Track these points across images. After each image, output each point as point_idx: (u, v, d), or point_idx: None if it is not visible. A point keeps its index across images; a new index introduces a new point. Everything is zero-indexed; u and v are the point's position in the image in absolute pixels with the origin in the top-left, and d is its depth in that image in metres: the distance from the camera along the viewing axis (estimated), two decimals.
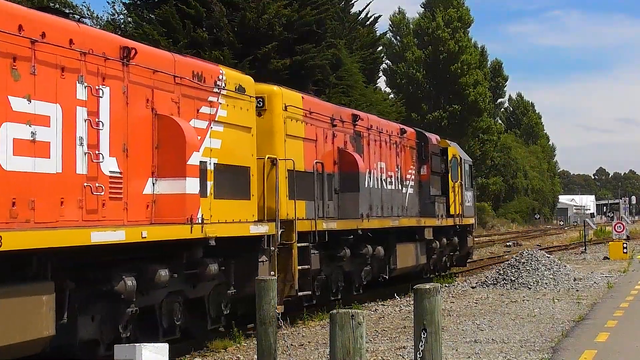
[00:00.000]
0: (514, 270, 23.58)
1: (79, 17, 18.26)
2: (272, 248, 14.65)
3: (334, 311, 6.58)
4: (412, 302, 10.37)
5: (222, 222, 13.04)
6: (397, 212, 21.99)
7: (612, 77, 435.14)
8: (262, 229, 14.25)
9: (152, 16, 40.16)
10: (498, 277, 23.52)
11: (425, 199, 24.23)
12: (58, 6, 34.16)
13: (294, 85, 25.43)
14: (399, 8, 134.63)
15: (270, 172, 15.40)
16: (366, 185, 19.35)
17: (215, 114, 13.35)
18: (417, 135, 24.48)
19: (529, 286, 22.30)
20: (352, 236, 18.28)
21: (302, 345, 14.06)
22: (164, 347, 8.61)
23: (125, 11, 42.44)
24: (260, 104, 15.47)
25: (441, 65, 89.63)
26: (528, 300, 19.56)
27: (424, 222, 23.48)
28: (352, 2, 56.79)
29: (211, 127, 13.18)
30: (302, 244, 16.00)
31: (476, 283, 24.04)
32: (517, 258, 24.59)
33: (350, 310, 6.52)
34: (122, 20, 42.09)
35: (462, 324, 15.82)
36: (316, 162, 17.28)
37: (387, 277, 21.16)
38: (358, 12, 59.77)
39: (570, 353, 12.36)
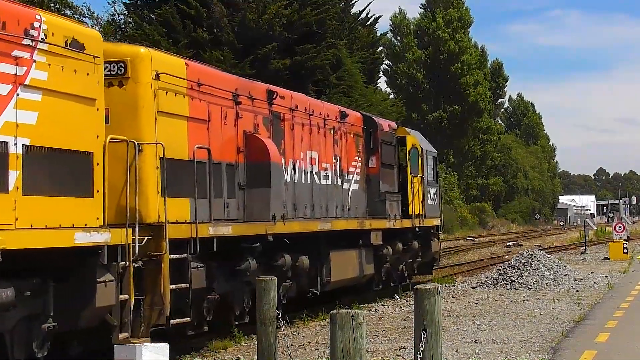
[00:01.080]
0: (514, 271, 23.57)
1: None
2: (123, 263, 10.84)
3: (334, 311, 6.58)
4: (412, 303, 10.37)
5: (35, 229, 9.37)
6: (334, 212, 18.31)
7: (612, 77, 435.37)
8: (97, 238, 10.18)
9: (153, 16, 40.18)
10: (498, 278, 23.52)
11: (374, 196, 20.35)
12: (58, 6, 34.16)
13: (294, 86, 25.28)
14: (399, 8, 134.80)
15: (137, 161, 11.75)
16: (287, 179, 15.98)
17: (24, 76, 9.52)
18: (364, 120, 20.55)
19: (529, 286, 22.30)
20: (258, 243, 14.35)
21: (302, 345, 14.06)
22: (164, 347, 8.61)
23: (126, 11, 42.46)
24: (121, 70, 12.08)
25: (441, 65, 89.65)
26: (528, 301, 19.56)
27: (370, 225, 19.56)
28: (353, 2, 56.78)
29: (18, 94, 9.40)
30: (178, 256, 12.28)
31: (476, 283, 24.04)
32: (518, 258, 24.59)
33: (350, 311, 6.53)
34: (122, 21, 42.10)
35: (462, 324, 15.83)
36: (198, 148, 13.20)
37: (318, 293, 17.35)
38: (358, 12, 59.77)
39: (570, 353, 12.36)
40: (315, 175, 17.49)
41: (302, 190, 16.85)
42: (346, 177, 19.13)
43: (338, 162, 18.73)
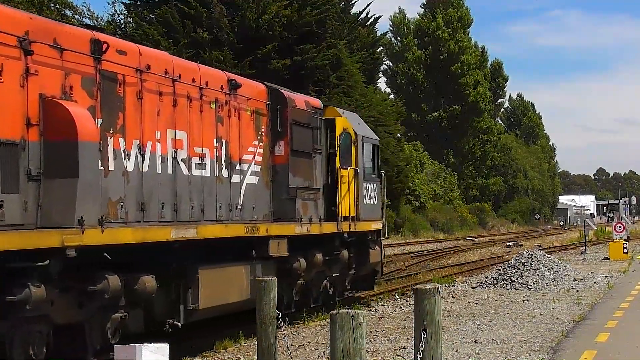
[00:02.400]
0: (514, 271, 23.58)
1: None
2: None
3: (334, 311, 6.58)
4: (412, 303, 10.38)
5: None
6: (217, 214, 13.65)
7: (612, 77, 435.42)
8: None
9: (152, 16, 40.22)
10: (498, 278, 23.52)
11: (282, 193, 15.76)
12: (58, 7, 34.19)
13: (294, 86, 25.22)
14: (399, 8, 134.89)
15: None
16: (128, 167, 11.62)
17: None
18: (270, 94, 15.83)
19: (529, 286, 22.31)
20: (48, 261, 9.76)
21: (302, 345, 14.07)
22: (164, 347, 8.62)
23: (126, 11, 42.49)
24: None
25: (441, 65, 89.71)
26: (528, 301, 19.57)
27: (268, 231, 14.77)
28: (353, 2, 56.89)
29: None
30: None
31: (476, 283, 24.04)
32: (517, 258, 24.59)
33: (350, 311, 6.53)
34: (122, 21, 42.13)
35: (462, 324, 15.83)
36: None
37: (180, 324, 12.75)
38: (358, 12, 59.86)
39: (570, 353, 12.37)
40: (182, 164, 12.89)
41: (157, 184, 12.24)
42: (237, 168, 14.40)
43: (224, 147, 13.96)
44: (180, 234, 12.26)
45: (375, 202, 19.95)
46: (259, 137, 15.41)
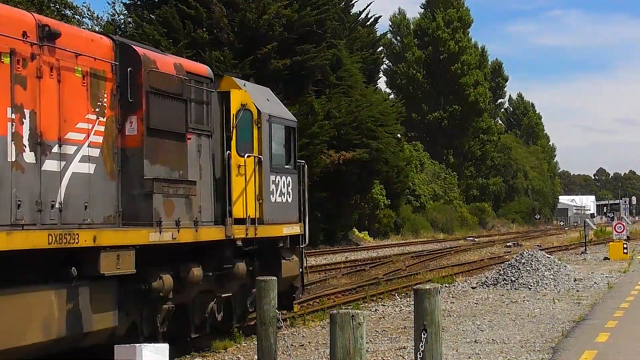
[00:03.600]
0: (514, 271, 23.58)
1: None
2: None
3: (335, 311, 6.59)
4: (412, 303, 10.38)
5: None
6: (7, 215, 9.65)
7: (612, 77, 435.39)
8: None
9: (153, 16, 40.24)
10: (498, 278, 23.51)
11: (134, 186, 11.81)
12: (58, 7, 34.21)
13: (294, 86, 25.48)
14: (399, 8, 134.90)
15: None
16: None
17: None
18: (117, 51, 11.79)
19: (529, 286, 22.30)
20: None
21: (302, 345, 14.08)
22: (164, 347, 8.63)
23: (126, 11, 42.51)
24: None
25: (441, 65, 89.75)
26: (528, 301, 19.57)
27: (96, 239, 10.54)
28: (353, 2, 56.93)
29: None
30: None
31: (476, 283, 24.04)
32: (518, 258, 24.58)
33: (350, 311, 6.53)
34: (122, 21, 42.16)
35: (462, 325, 15.83)
36: None
37: None
38: (358, 12, 59.96)
39: (571, 353, 12.36)
40: None
41: None
42: (55, 150, 10.53)
43: (28, 121, 10.07)
44: None
45: (290, 200, 15.78)
46: (97, 110, 11.31)
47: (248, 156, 14.37)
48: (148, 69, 11.92)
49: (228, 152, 13.93)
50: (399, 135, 59.59)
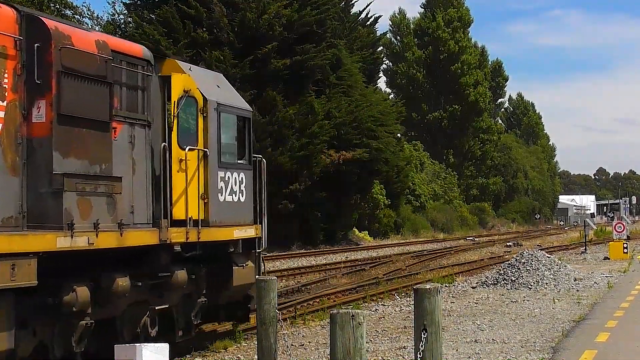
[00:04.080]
0: (514, 270, 23.58)
1: None
2: None
3: (334, 311, 6.59)
4: (412, 302, 10.38)
5: None
6: None
7: (612, 77, 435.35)
8: None
9: (153, 16, 40.25)
10: (498, 277, 23.51)
11: (40, 183, 10.03)
12: (58, 7, 34.22)
13: (294, 85, 25.43)
14: (399, 8, 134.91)
15: None
16: None
17: None
18: (23, 24, 10.06)
19: (530, 286, 22.30)
20: None
21: (302, 345, 14.07)
22: (164, 347, 8.62)
23: (126, 11, 42.52)
24: None
25: (441, 65, 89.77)
26: (528, 301, 19.57)
27: None
28: (353, 2, 56.94)
29: None
30: None
31: (476, 283, 24.04)
32: (518, 258, 24.59)
33: (350, 311, 6.53)
34: (122, 20, 42.17)
35: (462, 324, 15.83)
36: None
37: None
38: (358, 12, 59.97)
39: (571, 353, 12.36)
40: None
41: None
42: None
43: None
44: None
45: (243, 200, 14.07)
46: None
47: (191, 149, 12.67)
48: (60, 46, 10.10)
49: (164, 144, 12.22)
50: (399, 135, 59.62)
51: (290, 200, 42.55)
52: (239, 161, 14.13)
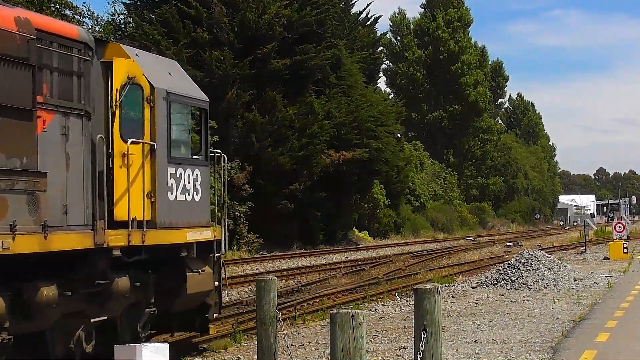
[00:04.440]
0: (514, 271, 23.57)
1: None
2: None
3: (334, 311, 6.59)
4: (412, 303, 10.38)
5: None
6: None
7: (612, 77, 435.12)
8: None
9: (152, 16, 40.25)
10: (498, 277, 23.51)
11: None
12: (58, 7, 34.22)
13: (294, 85, 25.45)
14: (399, 8, 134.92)
15: None
16: None
17: None
18: None
19: (529, 286, 22.30)
20: None
21: (302, 345, 14.07)
22: (164, 347, 8.62)
23: (126, 11, 42.51)
24: None
25: (441, 65, 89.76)
26: (528, 301, 19.56)
27: None
28: (353, 2, 56.96)
29: None
30: None
31: (476, 283, 24.04)
32: (517, 258, 24.58)
33: (350, 311, 6.53)
34: (122, 20, 42.16)
35: (462, 324, 15.83)
36: None
37: None
38: (358, 12, 59.99)
39: (571, 353, 12.36)
40: None
41: None
42: None
43: None
44: None
45: (199, 199, 12.69)
46: None
47: (134, 142, 11.29)
48: None
49: (100, 135, 10.82)
50: (398, 135, 59.62)
51: (290, 200, 42.56)
52: (194, 156, 12.83)
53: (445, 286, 23.21)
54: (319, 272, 29.01)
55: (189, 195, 12.36)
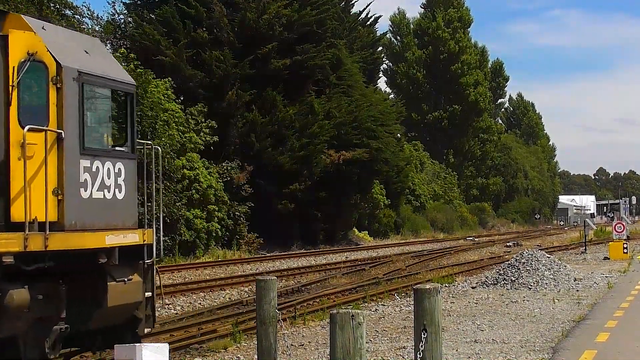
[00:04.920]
0: (514, 271, 23.57)
1: None
2: None
3: (334, 311, 6.58)
4: (412, 303, 10.38)
5: None
6: None
7: (612, 77, 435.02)
8: None
9: (152, 16, 40.25)
10: (498, 277, 23.51)
11: None
12: (58, 6, 34.21)
13: (294, 85, 25.49)
14: (399, 8, 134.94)
15: None
16: None
17: None
18: None
19: (529, 286, 22.30)
20: None
21: (302, 345, 14.06)
22: (164, 347, 8.63)
23: (126, 11, 42.50)
24: None
25: (441, 65, 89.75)
26: (528, 301, 19.56)
27: None
28: (353, 2, 56.98)
29: None
30: None
31: (476, 283, 24.03)
32: (518, 258, 24.58)
33: (350, 311, 6.53)
34: (122, 20, 42.13)
35: (462, 324, 15.82)
36: None
37: None
38: (358, 12, 60.04)
39: (571, 353, 12.36)
40: None
41: None
42: None
43: None
44: None
45: (122, 197, 10.83)
46: None
47: (34, 129, 9.52)
48: None
49: (8, 125, 9.41)
50: (398, 135, 59.63)
51: (290, 200, 42.56)
52: (117, 148, 10.96)
53: (445, 286, 23.20)
54: (319, 272, 29.00)
55: (109, 192, 10.53)
